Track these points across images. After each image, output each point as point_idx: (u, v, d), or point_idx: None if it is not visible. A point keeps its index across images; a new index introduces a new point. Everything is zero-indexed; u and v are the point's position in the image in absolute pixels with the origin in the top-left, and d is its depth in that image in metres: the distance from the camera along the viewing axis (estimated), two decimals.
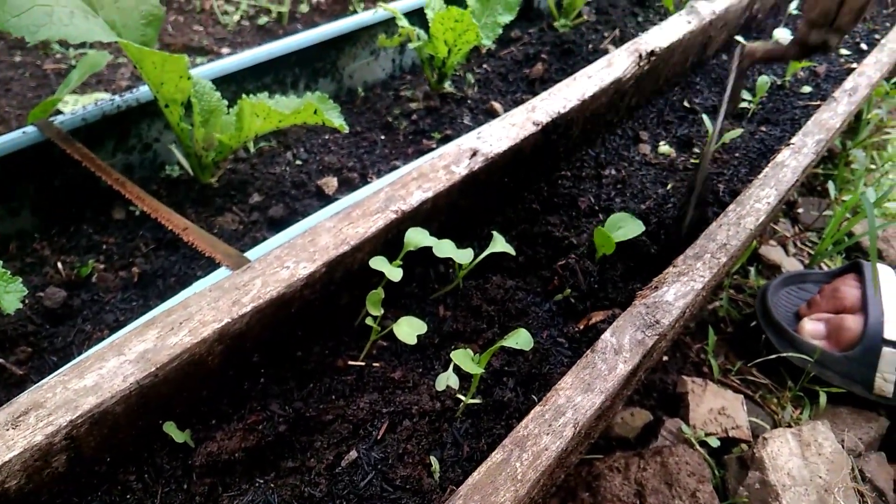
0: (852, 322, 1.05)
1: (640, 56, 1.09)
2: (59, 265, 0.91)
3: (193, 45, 1.47)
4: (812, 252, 1.47)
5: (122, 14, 0.81)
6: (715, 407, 1.03)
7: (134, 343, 0.60)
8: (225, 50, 1.46)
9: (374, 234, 0.73)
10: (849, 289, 1.10)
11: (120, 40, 0.76)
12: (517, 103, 1.29)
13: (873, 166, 1.86)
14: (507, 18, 1.17)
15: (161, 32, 1.51)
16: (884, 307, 1.04)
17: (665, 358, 1.13)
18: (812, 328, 1.08)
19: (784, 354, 1.06)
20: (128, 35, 0.82)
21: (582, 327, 0.83)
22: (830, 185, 1.49)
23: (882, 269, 1.10)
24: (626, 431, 0.98)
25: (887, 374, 1.01)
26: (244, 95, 0.88)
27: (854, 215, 1.61)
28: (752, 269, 1.39)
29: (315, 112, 0.85)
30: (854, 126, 1.90)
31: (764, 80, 1.24)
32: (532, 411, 0.61)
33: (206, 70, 1.01)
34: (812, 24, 0.82)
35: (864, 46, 1.64)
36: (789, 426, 1.04)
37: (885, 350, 1.01)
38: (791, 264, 1.41)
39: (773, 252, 1.45)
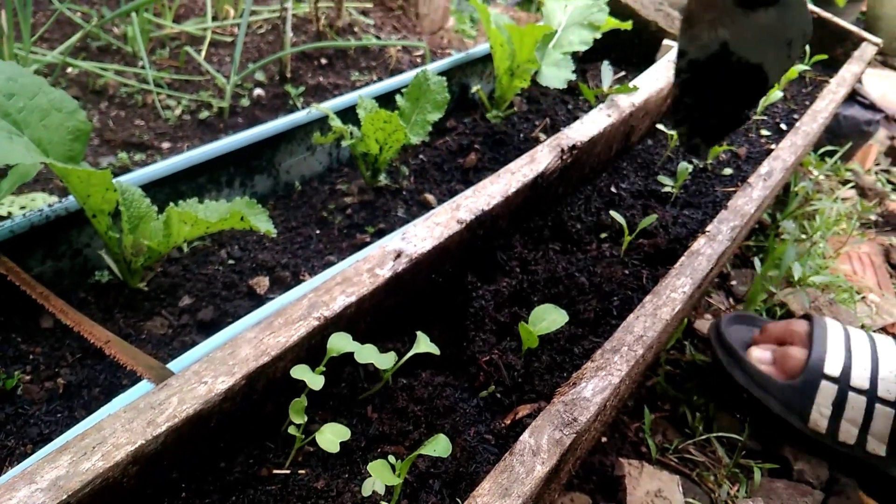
0: (797, 352, 1.12)
1: (563, 150, 1.14)
2: None
3: (133, 140, 1.49)
4: None
5: (49, 131, 0.83)
6: (651, 489, 1.04)
7: (46, 470, 0.60)
8: (165, 144, 1.49)
9: (297, 342, 0.75)
10: (799, 324, 1.17)
11: (44, 160, 0.77)
12: (452, 193, 1.33)
13: (804, 236, 1.94)
14: (436, 116, 1.22)
15: (102, 127, 1.53)
16: (827, 345, 1.11)
17: (604, 439, 1.15)
18: (759, 354, 1.16)
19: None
20: (54, 151, 0.83)
21: (508, 422, 0.84)
22: (756, 262, 1.56)
23: (831, 322, 1.17)
24: None
25: (823, 409, 1.08)
26: (172, 203, 0.90)
27: (788, 286, 1.68)
28: (688, 344, 1.43)
29: (242, 219, 0.87)
30: (783, 198, 1.99)
31: (684, 166, 1.30)
32: None
33: (137, 175, 1.03)
34: None
35: (783, 126, 1.73)
36: None
37: (824, 384, 1.08)
38: None
39: (707, 325, 1.49)
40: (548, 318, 0.91)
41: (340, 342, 0.76)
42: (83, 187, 0.84)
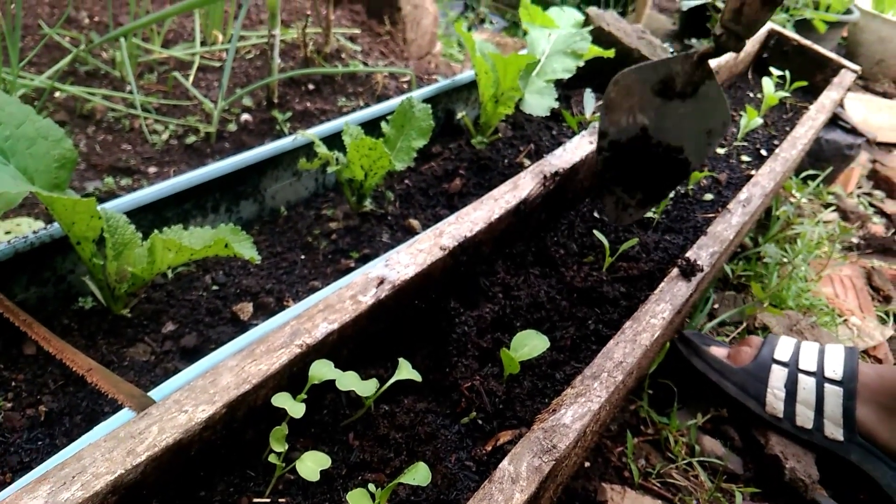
0: (749, 350, 1.24)
1: (545, 177, 1.16)
2: None
3: (120, 165, 1.49)
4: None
5: (35, 160, 0.84)
6: None
7: (24, 500, 0.60)
8: (152, 169, 1.49)
9: (278, 369, 0.75)
10: (753, 338, 1.28)
11: (30, 188, 0.78)
12: (437, 218, 1.34)
13: (786, 260, 1.96)
14: (420, 143, 1.24)
15: (89, 152, 1.54)
16: (778, 341, 1.23)
17: (587, 464, 1.15)
18: (716, 350, 1.26)
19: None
20: (40, 180, 0.84)
21: (490, 449, 0.85)
22: (726, 269, 1.58)
23: (785, 338, 1.26)
24: None
25: (776, 391, 1.16)
26: (157, 229, 0.90)
27: (773, 307, 1.69)
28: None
29: (226, 245, 0.88)
30: (765, 222, 2.01)
31: None
32: None
33: (122, 202, 1.04)
34: (722, 25, 0.98)
35: (763, 152, 1.76)
36: None
37: (775, 367, 1.17)
38: None
39: None
40: (529, 344, 0.92)
41: (322, 369, 0.77)
42: (68, 215, 0.85)
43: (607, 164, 1.14)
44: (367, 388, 0.77)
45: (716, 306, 1.69)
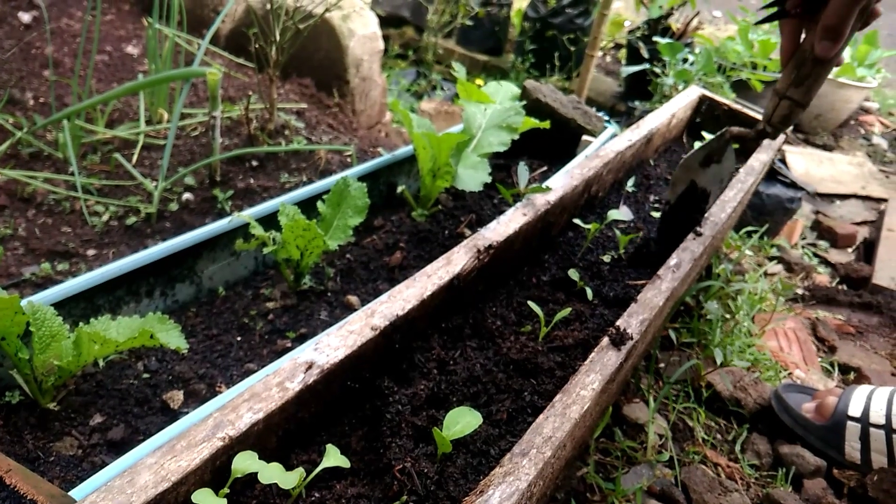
0: (831, 401, 1.44)
1: (479, 251, 1.18)
2: None
3: (59, 248, 1.48)
4: (675, 406, 1.55)
5: None
6: None
7: None
8: (91, 252, 1.49)
9: (199, 465, 0.74)
10: (835, 389, 1.50)
11: None
12: (377, 292, 1.35)
13: (728, 316, 2.01)
14: (357, 221, 1.26)
15: (28, 236, 1.53)
16: (854, 393, 1.43)
17: None
18: (807, 405, 1.48)
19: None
20: None
21: None
22: (671, 333, 1.61)
23: (859, 391, 1.45)
24: None
25: (853, 443, 1.37)
26: (83, 323, 0.90)
27: (715, 366, 1.72)
28: (618, 430, 1.45)
29: (151, 336, 0.87)
30: (706, 279, 2.06)
31: (576, 274, 1.36)
32: None
33: (52, 293, 1.03)
34: (769, 123, 1.30)
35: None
36: None
37: (849, 423, 1.38)
38: (659, 420, 1.48)
39: (637, 409, 1.52)
40: (462, 422, 0.92)
41: (245, 462, 0.76)
42: None
43: (664, 218, 1.52)
44: (290, 480, 0.77)
45: (661, 365, 1.72)
